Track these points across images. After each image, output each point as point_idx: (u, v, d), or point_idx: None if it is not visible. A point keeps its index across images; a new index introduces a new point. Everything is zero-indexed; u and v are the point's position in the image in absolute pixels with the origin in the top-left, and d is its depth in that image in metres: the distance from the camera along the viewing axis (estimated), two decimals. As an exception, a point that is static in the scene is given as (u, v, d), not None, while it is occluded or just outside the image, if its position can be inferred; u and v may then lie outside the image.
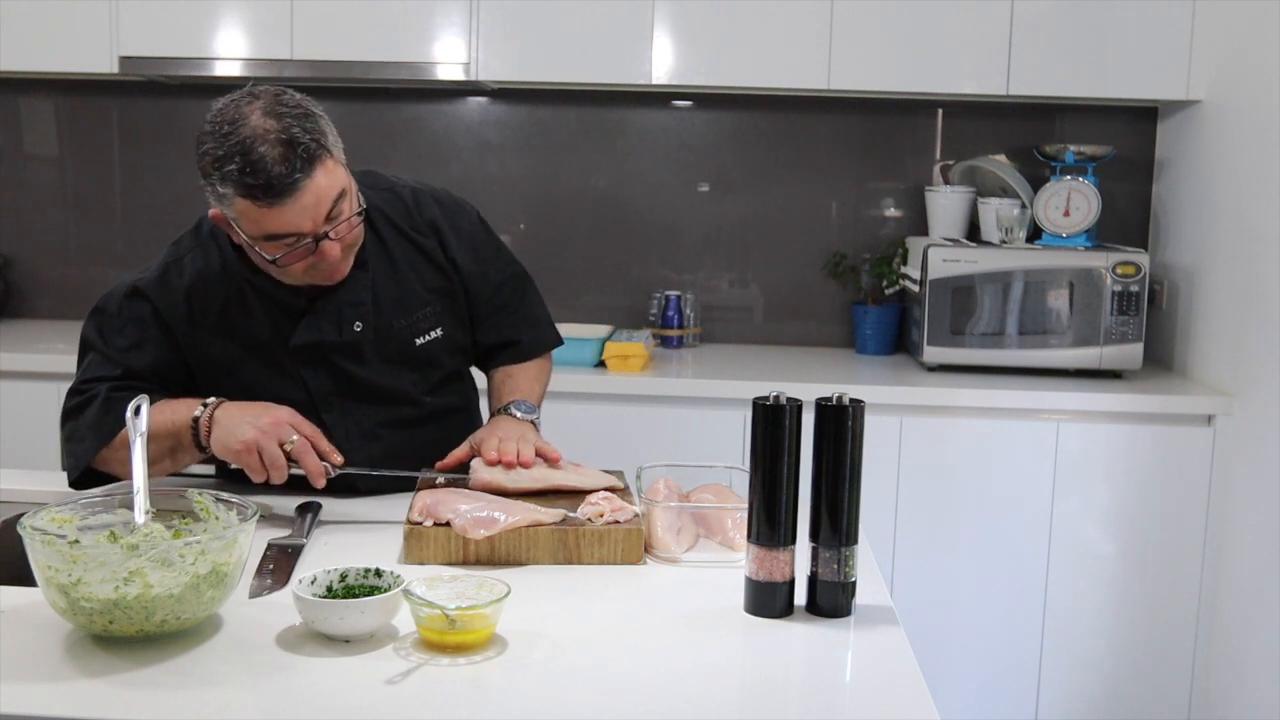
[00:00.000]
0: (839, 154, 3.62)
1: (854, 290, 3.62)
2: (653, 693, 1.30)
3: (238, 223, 1.76)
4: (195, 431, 1.79)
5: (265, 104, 1.74)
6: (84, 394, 1.87)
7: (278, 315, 1.91)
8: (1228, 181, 3.08)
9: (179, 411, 1.81)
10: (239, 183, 1.70)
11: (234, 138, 1.70)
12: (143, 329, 1.90)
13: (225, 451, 1.77)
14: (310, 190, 1.72)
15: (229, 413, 1.79)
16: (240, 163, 1.69)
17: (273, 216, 1.72)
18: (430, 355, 2.01)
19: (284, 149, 1.69)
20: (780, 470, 1.48)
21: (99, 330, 1.93)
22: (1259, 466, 2.84)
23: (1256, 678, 2.80)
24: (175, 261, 1.93)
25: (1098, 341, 3.15)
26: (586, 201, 3.67)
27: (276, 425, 1.77)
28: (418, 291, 1.98)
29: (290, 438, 1.76)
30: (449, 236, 2.02)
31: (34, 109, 3.75)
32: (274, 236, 1.75)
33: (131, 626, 1.33)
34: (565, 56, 3.25)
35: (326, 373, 1.94)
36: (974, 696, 3.07)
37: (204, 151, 1.73)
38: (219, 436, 1.77)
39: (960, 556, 3.05)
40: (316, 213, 1.74)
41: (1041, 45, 3.18)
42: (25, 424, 3.13)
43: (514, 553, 1.66)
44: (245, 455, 1.75)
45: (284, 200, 1.70)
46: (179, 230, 2.02)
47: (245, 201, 1.71)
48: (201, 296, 1.90)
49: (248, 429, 1.75)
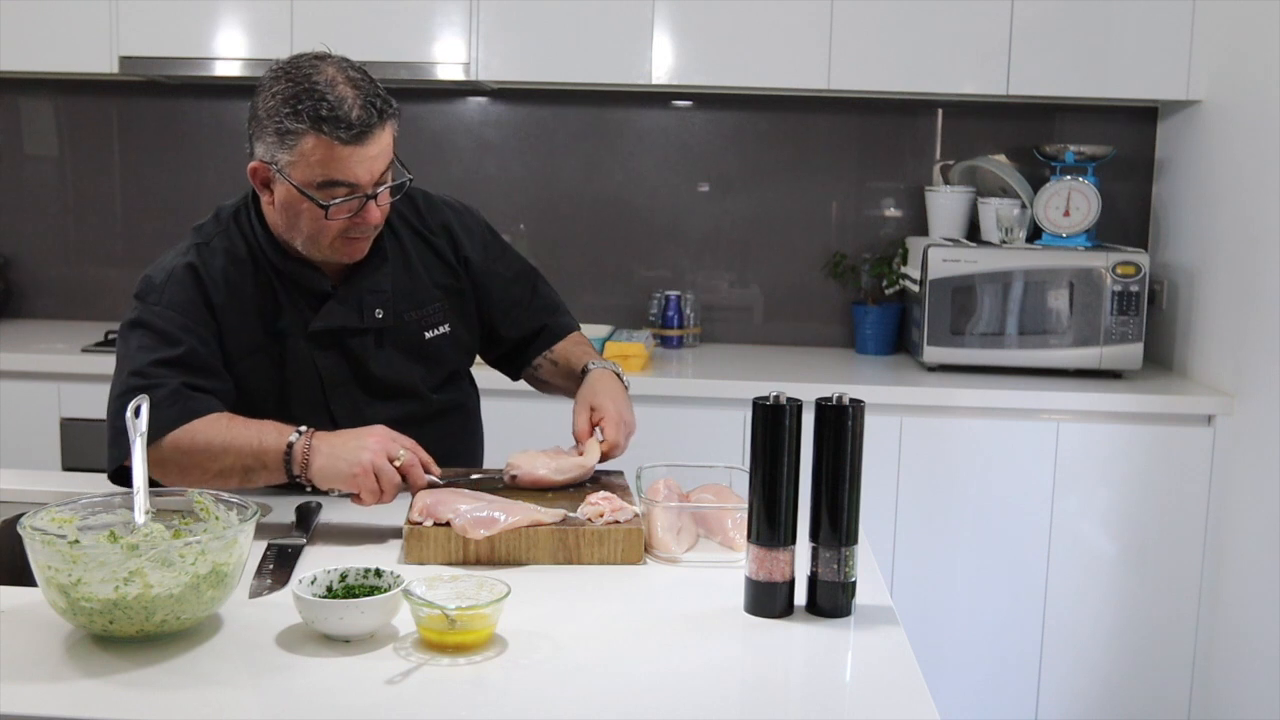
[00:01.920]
0: (839, 154, 3.62)
1: (854, 290, 3.62)
2: (653, 693, 1.30)
3: (292, 167, 1.78)
4: (289, 458, 1.75)
5: (337, 62, 1.81)
6: (149, 379, 1.80)
7: (300, 300, 1.92)
8: (1228, 181, 3.08)
9: (267, 435, 1.77)
10: (317, 117, 1.74)
11: (314, 79, 1.76)
12: (193, 309, 1.87)
13: (336, 477, 1.73)
14: (377, 141, 1.79)
15: (329, 440, 1.75)
16: (319, 100, 1.74)
17: (340, 159, 1.76)
18: (438, 350, 2.04)
19: (363, 96, 1.77)
20: (780, 470, 1.48)
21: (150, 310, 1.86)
22: (1259, 466, 2.84)
23: (1256, 678, 2.80)
24: (205, 244, 1.92)
25: (1098, 341, 3.15)
26: (586, 201, 3.67)
27: (384, 442, 1.74)
28: (428, 287, 2.02)
29: (398, 453, 1.74)
30: (461, 237, 2.06)
31: (34, 109, 3.74)
32: (331, 183, 1.78)
33: (131, 626, 1.33)
34: (565, 56, 3.25)
35: (341, 359, 1.95)
36: (974, 696, 3.07)
37: (274, 92, 1.77)
38: (325, 464, 1.73)
39: (960, 556, 3.05)
40: (374, 167, 1.80)
41: (1041, 45, 3.18)
42: (25, 424, 3.13)
43: (514, 553, 1.66)
44: (364, 478, 1.71)
45: (357, 142, 1.76)
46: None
47: (318, 139, 1.75)
48: (234, 279, 1.90)
49: (361, 452, 1.72)
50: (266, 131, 1.79)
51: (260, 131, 1.80)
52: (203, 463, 1.78)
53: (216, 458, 1.77)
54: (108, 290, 3.71)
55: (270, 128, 1.78)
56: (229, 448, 1.77)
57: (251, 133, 1.83)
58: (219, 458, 1.77)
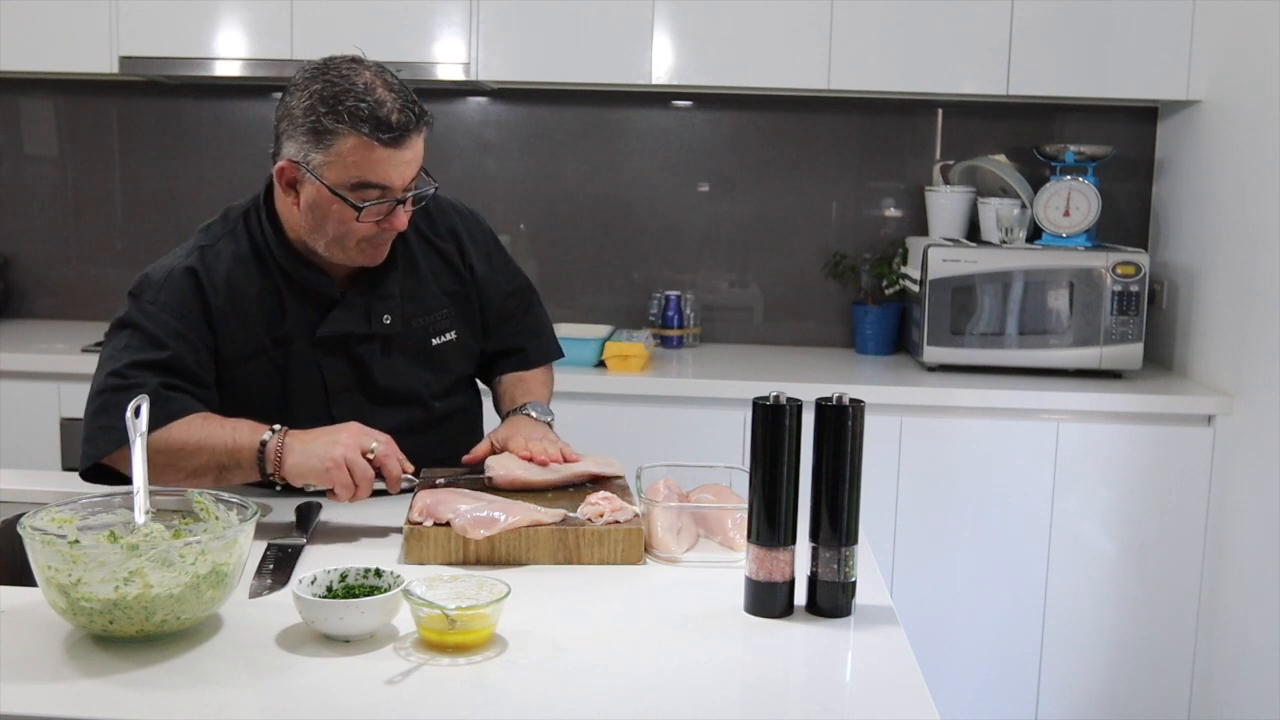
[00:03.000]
0: (839, 154, 3.62)
1: (854, 290, 3.62)
2: (653, 693, 1.30)
3: (325, 167, 1.78)
4: (262, 456, 1.76)
5: (373, 66, 1.82)
6: (127, 380, 1.80)
7: (307, 305, 1.92)
8: (1228, 181, 3.08)
9: (241, 433, 1.77)
10: (358, 117, 1.75)
11: (353, 79, 1.77)
12: (187, 314, 1.86)
13: (309, 473, 1.73)
14: (413, 146, 1.81)
15: (301, 438, 1.76)
16: (362, 100, 1.75)
17: (377, 161, 1.77)
18: (444, 357, 2.04)
19: (402, 100, 1.79)
20: (780, 470, 1.48)
21: (142, 310, 1.86)
22: (1259, 466, 2.84)
23: (1256, 678, 2.80)
24: (209, 246, 1.91)
25: (1098, 341, 3.15)
26: (586, 201, 3.67)
27: (356, 436, 1.75)
28: (436, 293, 2.02)
29: (371, 445, 1.75)
30: (467, 243, 2.07)
31: (34, 109, 3.75)
32: (365, 185, 1.79)
33: (131, 626, 1.33)
34: (565, 56, 3.25)
35: (347, 365, 1.95)
36: (974, 696, 3.07)
37: (311, 91, 1.77)
38: (297, 461, 1.74)
39: (960, 556, 3.05)
40: (407, 172, 1.81)
41: (1041, 45, 3.18)
42: (25, 424, 3.13)
43: (514, 553, 1.66)
44: (336, 472, 1.71)
45: (395, 145, 1.77)
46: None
47: (358, 140, 1.76)
48: (238, 282, 1.90)
49: (333, 446, 1.73)
50: (300, 130, 1.78)
51: (292, 130, 1.80)
52: (176, 462, 1.77)
53: (191, 456, 1.77)
54: (108, 290, 3.70)
55: (305, 126, 1.78)
56: (203, 446, 1.77)
57: (281, 132, 1.82)
58: (193, 456, 1.77)
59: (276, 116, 1.84)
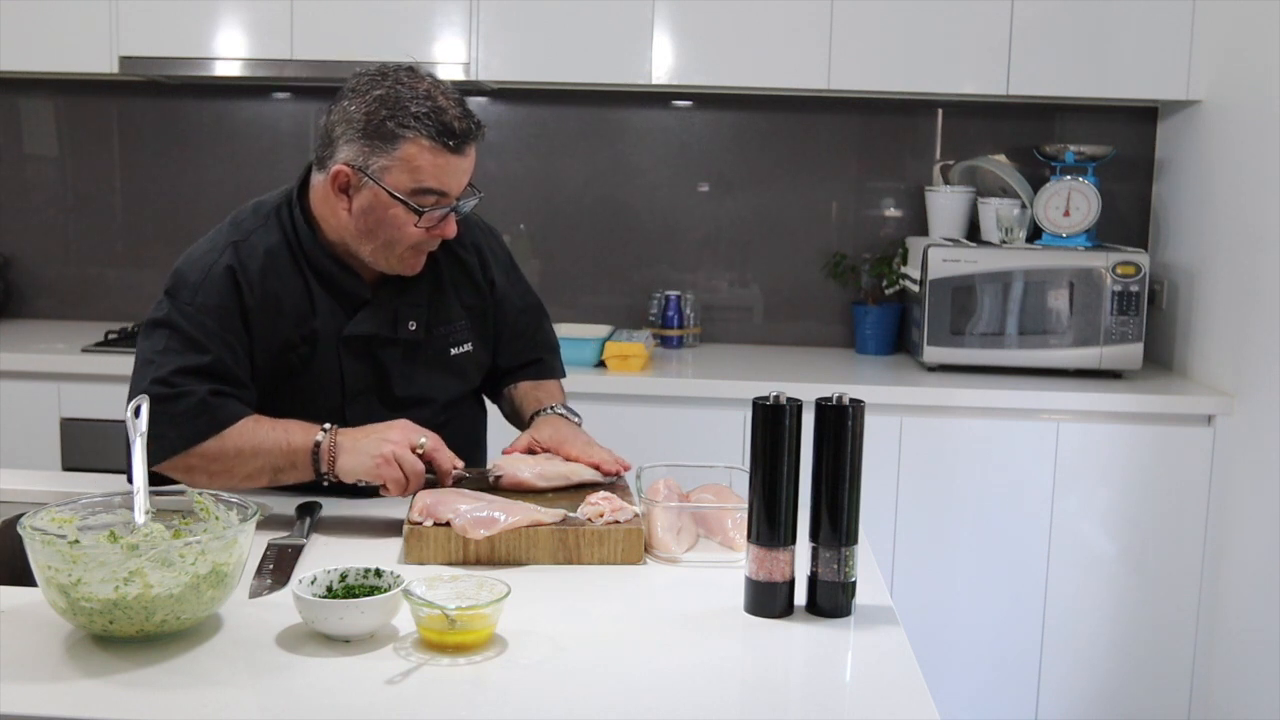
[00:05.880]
0: (839, 154, 3.63)
1: (854, 290, 3.62)
2: (653, 693, 1.30)
3: (385, 172, 1.79)
4: (316, 456, 1.78)
5: (430, 76, 1.85)
6: (175, 388, 1.79)
7: (335, 305, 1.91)
8: (1228, 181, 3.08)
9: (294, 435, 1.79)
10: (426, 122, 1.77)
11: (415, 86, 1.80)
12: (226, 316, 1.85)
13: (361, 470, 1.76)
14: (471, 154, 1.85)
15: (352, 435, 1.79)
16: (429, 106, 1.78)
17: (441, 166, 1.80)
18: (460, 368, 2.05)
19: (461, 109, 1.83)
20: (780, 470, 1.48)
21: (181, 311, 1.84)
22: (1259, 466, 2.84)
23: (1256, 678, 2.80)
24: (242, 241, 1.89)
25: (1098, 341, 3.15)
26: (586, 201, 3.67)
27: (405, 433, 1.78)
28: (455, 305, 2.03)
29: (419, 440, 1.78)
30: (489, 258, 2.08)
31: (34, 109, 3.75)
32: (424, 190, 1.81)
33: (131, 626, 1.33)
34: (565, 56, 3.25)
35: (367, 368, 1.95)
36: (974, 696, 3.07)
37: (373, 96, 1.79)
38: (349, 459, 1.77)
39: (960, 556, 3.05)
40: (463, 179, 1.85)
41: (1041, 45, 3.18)
42: (25, 424, 3.13)
43: (514, 553, 1.66)
44: (387, 468, 1.75)
45: (458, 151, 1.81)
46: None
47: (425, 144, 1.78)
48: (271, 278, 1.88)
49: (382, 443, 1.76)
50: (360, 134, 1.79)
51: (351, 134, 1.80)
52: (233, 468, 1.79)
53: (247, 461, 1.79)
54: (108, 290, 3.71)
55: (366, 131, 1.78)
56: (259, 450, 1.79)
57: (337, 135, 1.82)
58: (249, 461, 1.79)
59: (330, 121, 1.83)
